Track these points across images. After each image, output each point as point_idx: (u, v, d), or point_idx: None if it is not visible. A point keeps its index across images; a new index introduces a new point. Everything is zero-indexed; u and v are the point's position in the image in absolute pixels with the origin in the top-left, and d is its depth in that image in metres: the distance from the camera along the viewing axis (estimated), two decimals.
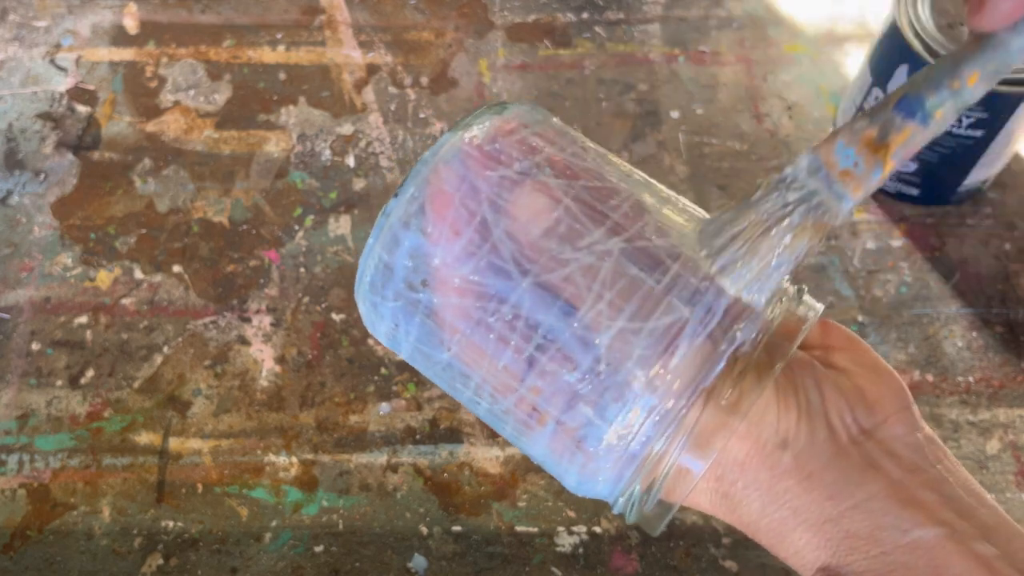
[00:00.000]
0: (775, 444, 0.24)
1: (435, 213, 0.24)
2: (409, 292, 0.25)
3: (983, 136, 0.56)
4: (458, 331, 0.24)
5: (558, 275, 0.23)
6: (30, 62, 0.69)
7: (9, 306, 0.59)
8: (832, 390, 0.25)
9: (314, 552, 0.52)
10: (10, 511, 0.53)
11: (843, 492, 0.24)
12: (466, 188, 0.24)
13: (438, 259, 0.24)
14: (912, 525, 0.23)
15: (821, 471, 0.24)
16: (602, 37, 0.70)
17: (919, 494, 0.24)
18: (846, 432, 0.25)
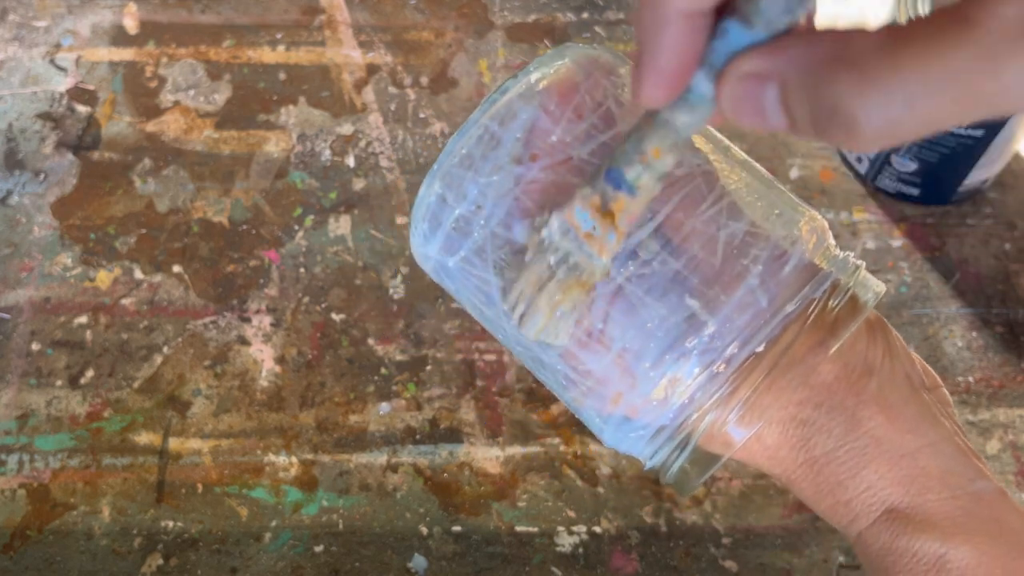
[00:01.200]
0: (862, 371, 0.25)
1: (561, 95, 0.25)
2: (513, 165, 0.25)
3: (983, 136, 0.56)
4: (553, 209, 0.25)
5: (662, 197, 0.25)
6: (30, 62, 0.69)
7: (9, 306, 0.59)
8: (901, 344, 0.27)
9: (314, 552, 0.52)
10: (10, 511, 0.53)
11: (920, 428, 0.25)
12: (591, 82, 0.25)
13: (556, 136, 0.25)
14: (975, 475, 0.25)
15: (902, 404, 0.25)
16: (602, 37, 0.70)
17: (973, 451, 0.26)
18: (919, 379, 0.26)
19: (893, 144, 0.18)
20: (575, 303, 0.24)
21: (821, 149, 0.65)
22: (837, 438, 0.25)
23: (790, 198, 0.27)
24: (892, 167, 0.61)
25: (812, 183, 0.64)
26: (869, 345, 0.25)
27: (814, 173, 0.64)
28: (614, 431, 0.26)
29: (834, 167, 0.64)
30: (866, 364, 0.25)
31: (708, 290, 0.24)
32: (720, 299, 0.24)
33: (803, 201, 0.28)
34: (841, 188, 0.63)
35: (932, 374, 0.27)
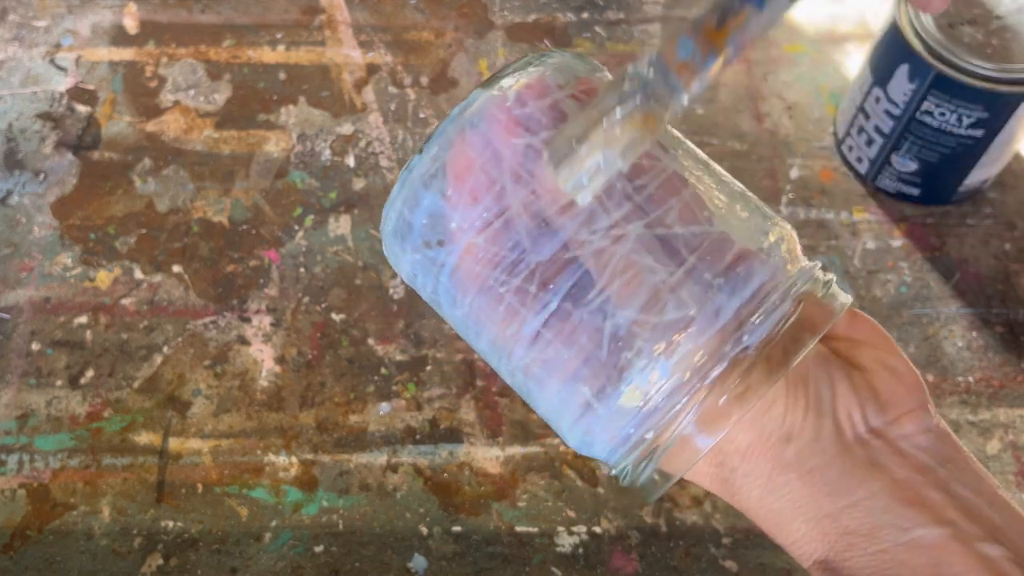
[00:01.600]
0: (779, 437, 0.24)
1: (455, 177, 0.24)
2: (426, 249, 0.25)
3: (983, 136, 0.56)
4: (470, 294, 0.25)
5: (569, 255, 0.23)
6: (30, 62, 0.69)
7: (9, 306, 0.59)
8: (845, 388, 0.25)
9: (314, 552, 0.52)
10: (10, 511, 0.53)
11: (843, 489, 0.24)
12: (489, 154, 0.24)
13: (455, 223, 0.24)
14: (913, 524, 0.24)
15: (823, 467, 0.24)
16: (602, 37, 0.70)
17: (924, 493, 0.24)
18: (853, 430, 0.25)
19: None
20: (628, 144, 0.22)
21: (821, 149, 0.65)
22: (756, 499, 0.25)
23: (760, 206, 0.27)
24: (892, 167, 0.61)
25: (812, 183, 0.64)
26: (789, 408, 0.24)
27: (814, 173, 0.64)
28: (581, 436, 0.25)
29: (834, 167, 0.64)
30: (784, 429, 0.24)
31: (604, 377, 0.24)
32: (688, 309, 0.23)
33: (787, 205, 0.28)
34: (841, 188, 0.63)
35: (895, 403, 0.25)
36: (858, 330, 0.27)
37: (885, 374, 0.25)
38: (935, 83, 0.54)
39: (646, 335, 0.23)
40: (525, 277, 0.24)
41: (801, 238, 0.64)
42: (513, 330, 0.24)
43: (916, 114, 0.57)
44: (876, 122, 0.60)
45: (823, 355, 0.26)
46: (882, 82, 0.58)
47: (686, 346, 0.23)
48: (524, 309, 0.24)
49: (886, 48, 0.57)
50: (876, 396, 0.25)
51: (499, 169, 0.24)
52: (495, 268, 0.24)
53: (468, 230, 0.24)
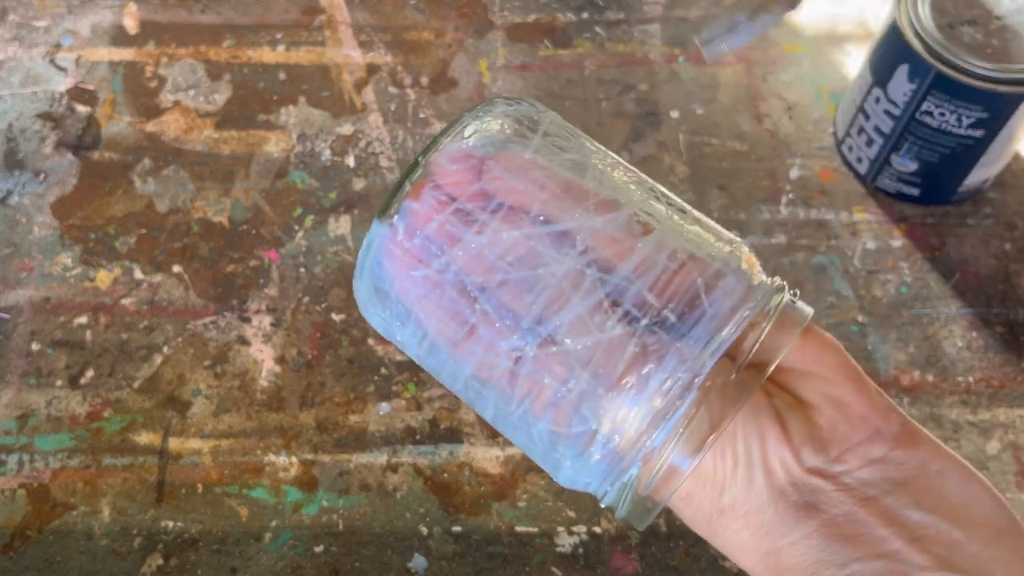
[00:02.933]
0: (713, 486, 0.25)
1: (380, 306, 0.27)
2: (390, 336, 0.28)
3: (983, 136, 0.56)
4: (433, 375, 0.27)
5: (484, 377, 0.25)
6: (30, 62, 0.69)
7: (9, 306, 0.59)
8: (775, 438, 0.25)
9: (314, 552, 0.52)
10: (10, 511, 0.53)
11: (779, 531, 0.25)
12: (399, 286, 0.26)
13: (398, 337, 0.27)
14: (849, 559, 0.24)
15: (757, 512, 0.25)
16: (602, 37, 0.70)
17: (865, 528, 0.24)
18: (787, 475, 0.25)
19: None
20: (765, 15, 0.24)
21: (821, 149, 0.65)
22: (708, 537, 0.27)
23: (716, 228, 0.27)
24: (892, 167, 0.61)
25: (812, 183, 0.64)
26: (717, 462, 0.25)
27: (814, 173, 0.64)
28: (574, 462, 0.25)
29: (834, 167, 0.64)
30: (716, 480, 0.25)
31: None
32: (590, 423, 0.24)
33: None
34: (841, 188, 0.63)
35: (836, 440, 0.25)
36: (809, 359, 0.26)
37: (830, 411, 0.25)
38: (935, 83, 0.54)
39: (641, 340, 0.24)
40: (450, 385, 0.26)
41: (801, 238, 0.65)
42: (481, 406, 0.26)
43: (916, 114, 0.57)
44: (876, 122, 0.60)
45: (755, 406, 0.26)
46: (882, 82, 0.58)
47: (687, 342, 0.23)
48: (471, 399, 0.26)
49: (886, 48, 0.57)
50: (815, 436, 0.25)
51: (410, 299, 0.25)
52: (436, 374, 0.27)
53: (409, 347, 0.27)
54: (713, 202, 0.63)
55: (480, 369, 0.25)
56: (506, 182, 0.25)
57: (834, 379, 0.26)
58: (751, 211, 0.62)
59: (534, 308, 0.24)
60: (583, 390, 0.24)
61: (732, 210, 0.63)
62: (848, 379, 0.26)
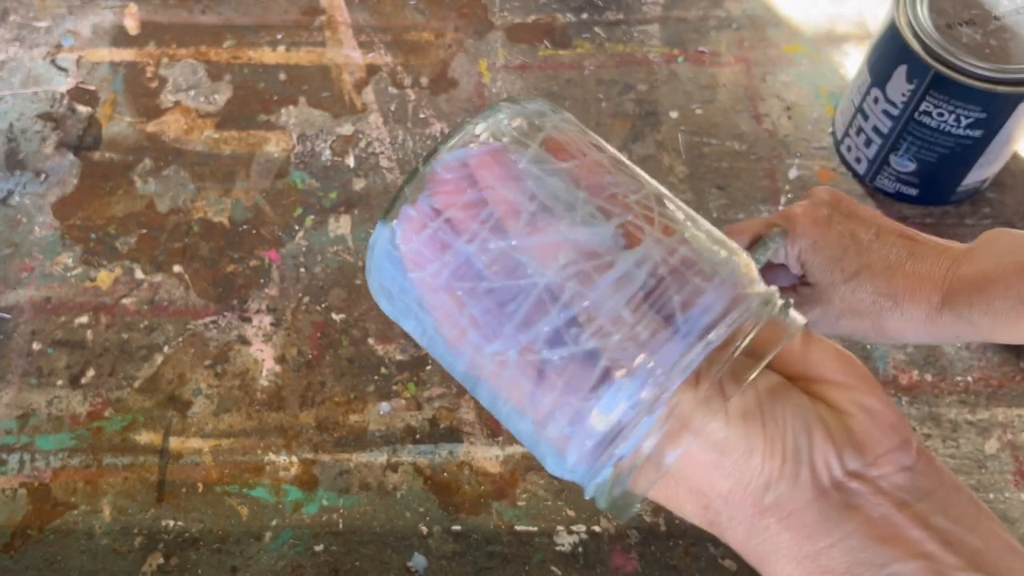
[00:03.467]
0: (759, 484, 0.26)
1: (386, 300, 0.29)
2: (399, 324, 0.29)
3: (982, 136, 0.56)
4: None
5: (475, 374, 0.26)
6: (31, 62, 0.69)
7: (10, 306, 0.59)
8: (821, 436, 0.26)
9: (314, 551, 0.52)
10: (11, 510, 0.53)
11: (821, 531, 0.25)
12: (398, 286, 0.27)
13: (405, 328, 0.29)
14: (889, 560, 0.25)
15: (801, 512, 0.26)
16: (601, 37, 0.71)
17: (901, 530, 0.25)
18: (830, 475, 0.26)
19: None
20: None
21: (820, 149, 0.65)
22: (742, 541, 0.27)
23: (717, 235, 0.28)
24: (891, 167, 0.61)
25: (811, 183, 0.64)
26: (767, 459, 0.25)
27: (813, 173, 0.64)
28: (555, 460, 0.26)
29: (833, 167, 0.64)
30: (763, 478, 0.26)
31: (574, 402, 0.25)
32: (563, 427, 0.25)
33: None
34: (840, 188, 0.63)
35: (872, 445, 0.26)
36: (834, 370, 0.28)
37: (863, 416, 0.26)
38: (933, 83, 0.54)
39: (612, 354, 0.25)
40: (461, 379, 0.28)
41: None
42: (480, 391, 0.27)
43: (914, 114, 0.57)
44: (875, 122, 0.60)
45: (802, 405, 0.26)
46: (880, 82, 0.58)
47: (657, 357, 0.24)
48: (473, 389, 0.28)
49: (884, 48, 0.57)
50: (853, 440, 0.26)
51: (408, 298, 0.27)
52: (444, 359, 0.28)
53: (415, 336, 0.29)
54: (712, 202, 0.63)
55: (471, 367, 0.26)
56: (497, 192, 0.25)
57: (864, 389, 0.27)
58: (750, 211, 0.63)
59: (516, 317, 0.25)
60: (557, 398, 0.25)
61: (731, 210, 0.63)
62: (873, 390, 0.27)
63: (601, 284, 0.24)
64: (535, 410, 0.25)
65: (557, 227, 0.25)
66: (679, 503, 0.27)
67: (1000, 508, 0.52)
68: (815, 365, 0.28)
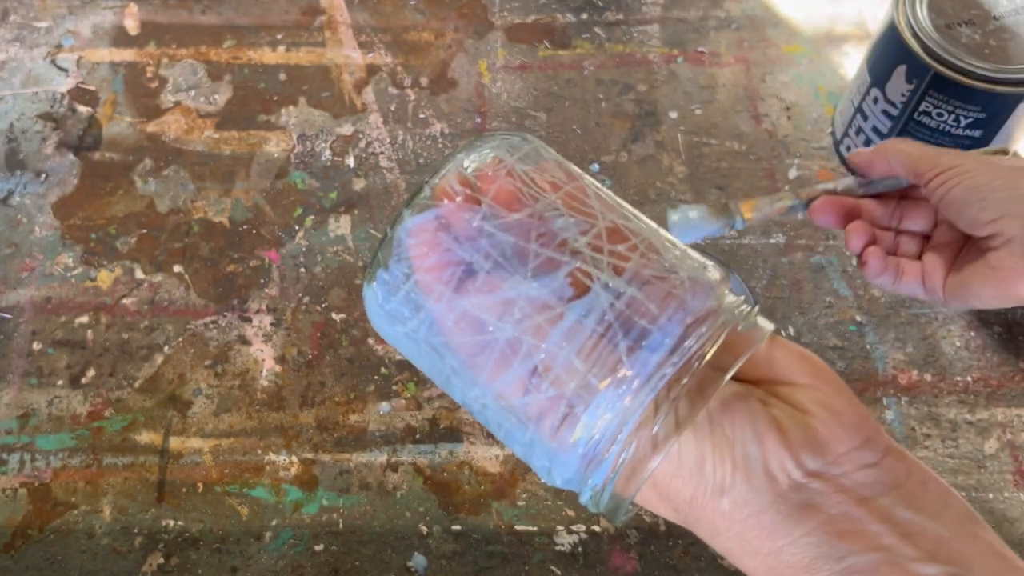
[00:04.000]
0: (713, 491, 0.27)
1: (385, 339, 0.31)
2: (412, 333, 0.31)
3: (981, 136, 0.56)
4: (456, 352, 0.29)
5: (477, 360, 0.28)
6: (31, 63, 0.69)
7: (10, 306, 0.59)
8: (774, 442, 0.27)
9: (314, 551, 0.52)
10: (11, 510, 0.53)
11: (780, 531, 0.26)
12: (387, 338, 0.30)
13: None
14: (846, 553, 0.26)
15: (758, 514, 0.27)
16: (601, 38, 0.71)
17: (860, 524, 0.26)
18: (787, 478, 0.27)
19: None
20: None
21: (819, 149, 0.65)
22: (708, 539, 0.28)
23: (676, 252, 0.30)
24: None
25: (811, 183, 0.64)
26: (716, 466, 0.27)
27: (812, 173, 0.64)
28: (545, 472, 0.28)
29: (833, 167, 0.64)
30: (716, 484, 0.27)
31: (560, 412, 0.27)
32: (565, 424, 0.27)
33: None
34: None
35: (833, 444, 0.27)
36: (796, 371, 0.29)
37: (825, 416, 0.27)
38: (933, 83, 0.54)
39: (570, 401, 0.27)
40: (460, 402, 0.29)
41: (799, 238, 0.65)
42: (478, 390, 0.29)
43: (914, 114, 0.57)
44: (874, 122, 0.60)
45: (751, 409, 0.27)
46: (880, 83, 0.58)
47: (610, 401, 0.26)
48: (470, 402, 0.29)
49: (884, 49, 0.57)
50: (814, 440, 0.27)
51: (402, 346, 0.30)
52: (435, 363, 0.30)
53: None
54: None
55: (464, 404, 0.29)
56: (455, 253, 0.28)
57: (825, 389, 0.28)
58: None
59: (486, 369, 0.27)
60: (531, 437, 0.27)
61: None
62: (838, 390, 0.28)
63: (553, 336, 0.26)
64: (520, 441, 0.28)
65: (511, 283, 0.27)
66: (655, 506, 0.28)
67: (999, 508, 0.52)
68: (779, 368, 0.29)
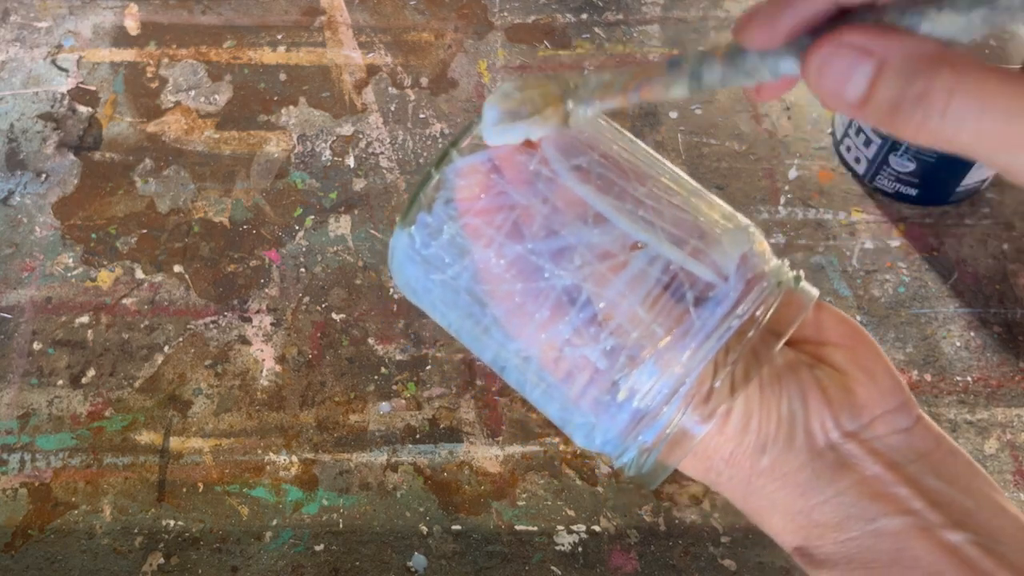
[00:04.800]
0: (755, 448, 0.27)
1: (411, 295, 0.29)
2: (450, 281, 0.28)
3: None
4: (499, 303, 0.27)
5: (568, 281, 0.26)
6: (31, 63, 0.69)
7: (10, 306, 0.59)
8: (816, 400, 0.27)
9: (314, 551, 0.52)
10: (11, 510, 0.53)
11: (814, 489, 0.27)
12: (420, 287, 0.28)
13: (432, 316, 0.29)
14: (877, 515, 0.26)
15: (795, 472, 0.27)
16: (601, 38, 0.71)
17: (891, 488, 0.26)
18: (825, 437, 0.27)
19: (950, 149, 0.20)
20: (540, 108, 0.25)
21: (819, 149, 0.65)
22: (740, 498, 0.28)
23: (728, 211, 0.28)
24: (890, 167, 0.61)
25: (811, 183, 0.64)
26: (762, 422, 0.27)
27: (812, 174, 0.64)
28: (585, 440, 0.27)
29: (832, 167, 0.64)
30: (759, 440, 0.27)
31: (616, 363, 0.26)
32: (624, 372, 0.26)
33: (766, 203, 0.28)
34: (840, 188, 0.64)
35: (870, 406, 0.27)
36: (834, 332, 0.29)
37: (864, 378, 0.28)
38: None
39: (631, 351, 0.25)
40: (489, 363, 0.28)
41: (799, 238, 0.65)
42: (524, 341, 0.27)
43: None
44: None
45: (796, 368, 0.28)
46: None
47: (674, 352, 0.25)
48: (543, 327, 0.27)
49: None
50: (851, 401, 0.27)
51: (432, 298, 0.28)
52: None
53: (442, 324, 0.29)
54: None
55: (495, 359, 0.27)
56: (510, 196, 0.26)
57: (864, 351, 0.28)
58: (750, 211, 0.63)
59: (537, 318, 0.25)
60: (581, 389, 0.26)
61: None
62: (876, 355, 0.28)
63: (616, 284, 0.25)
64: (561, 398, 0.26)
65: (571, 228, 0.25)
66: (685, 464, 0.28)
67: None
68: (823, 329, 0.29)
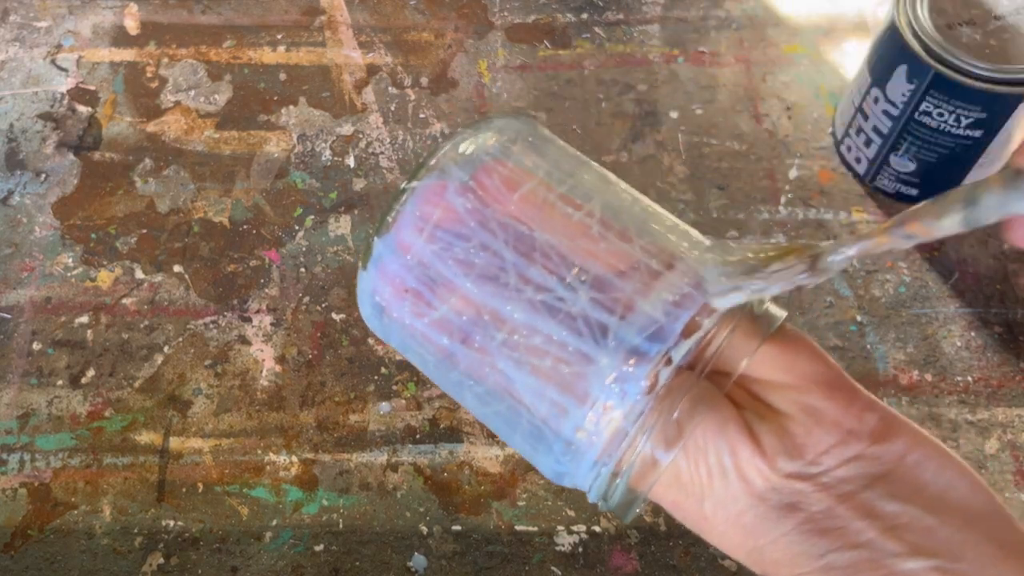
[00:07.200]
0: (695, 495, 0.27)
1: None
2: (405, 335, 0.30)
3: (982, 136, 0.56)
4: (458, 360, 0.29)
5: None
6: (31, 63, 0.69)
7: (10, 306, 0.59)
8: (747, 451, 0.27)
9: (314, 551, 0.52)
10: (11, 510, 0.53)
11: (760, 531, 0.27)
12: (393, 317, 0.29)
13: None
14: (826, 551, 0.26)
15: (738, 516, 0.27)
16: (601, 38, 0.71)
17: (841, 521, 0.26)
18: (764, 481, 0.26)
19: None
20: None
21: (820, 149, 0.65)
22: (698, 534, 0.29)
23: (691, 234, 0.29)
24: (891, 167, 0.61)
25: (811, 183, 0.64)
26: (693, 472, 0.27)
27: (813, 173, 0.64)
28: (553, 466, 0.28)
29: (833, 167, 0.64)
30: (695, 488, 0.27)
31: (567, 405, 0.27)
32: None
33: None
34: (840, 188, 0.63)
35: (812, 445, 0.26)
36: (781, 368, 0.28)
37: (802, 417, 0.27)
38: (933, 83, 0.54)
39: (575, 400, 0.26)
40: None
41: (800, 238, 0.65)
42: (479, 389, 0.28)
43: (914, 114, 0.57)
44: (875, 122, 0.60)
45: (721, 421, 0.27)
46: (880, 82, 0.58)
47: (629, 385, 0.26)
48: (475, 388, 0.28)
49: (884, 48, 0.57)
50: (788, 443, 0.26)
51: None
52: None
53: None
54: (712, 202, 0.63)
55: (452, 393, 0.29)
56: (431, 269, 0.28)
57: (805, 387, 0.27)
58: (750, 211, 0.63)
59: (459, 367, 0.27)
60: (545, 418, 0.27)
61: (731, 210, 0.63)
62: (818, 385, 0.27)
63: (548, 326, 0.26)
64: (520, 444, 0.28)
65: (496, 295, 0.27)
66: (659, 499, 0.29)
67: None
68: (758, 365, 0.28)
